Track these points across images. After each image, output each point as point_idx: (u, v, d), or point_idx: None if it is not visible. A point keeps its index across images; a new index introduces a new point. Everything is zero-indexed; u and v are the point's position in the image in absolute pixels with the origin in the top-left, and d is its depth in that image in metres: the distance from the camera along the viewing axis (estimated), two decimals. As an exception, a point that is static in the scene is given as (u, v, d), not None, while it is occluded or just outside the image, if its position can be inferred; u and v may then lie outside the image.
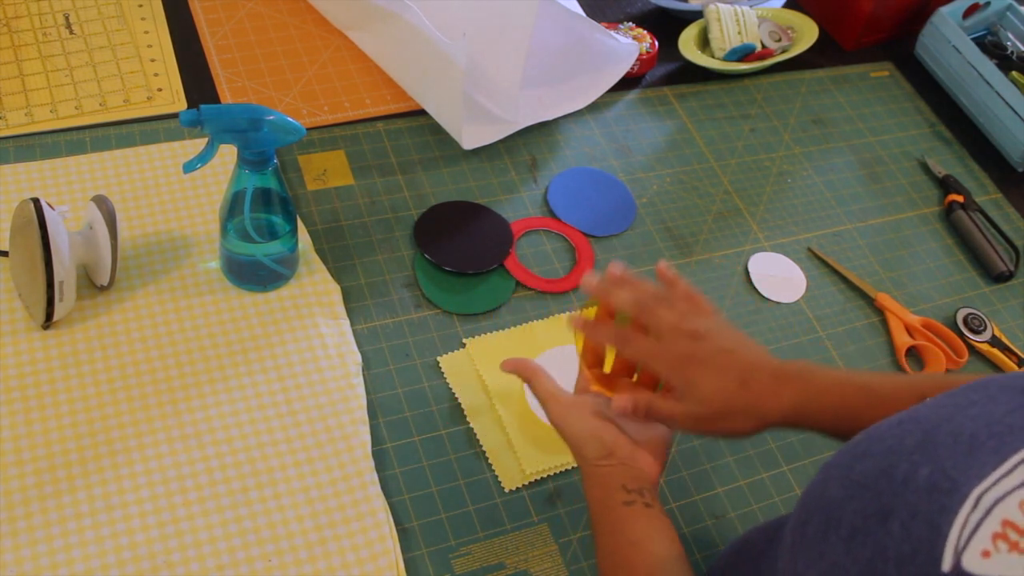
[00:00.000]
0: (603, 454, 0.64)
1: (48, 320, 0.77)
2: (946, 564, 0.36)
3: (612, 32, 1.09)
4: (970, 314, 1.00)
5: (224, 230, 0.81)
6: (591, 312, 0.71)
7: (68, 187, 0.89)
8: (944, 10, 1.22)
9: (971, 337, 0.98)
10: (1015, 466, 0.39)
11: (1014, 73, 1.21)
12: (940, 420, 0.44)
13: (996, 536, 0.36)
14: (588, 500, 0.65)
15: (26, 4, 1.03)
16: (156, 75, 1.00)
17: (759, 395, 0.62)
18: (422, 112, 1.04)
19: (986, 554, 0.36)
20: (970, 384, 0.47)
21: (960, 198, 1.11)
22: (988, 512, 0.37)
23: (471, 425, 0.81)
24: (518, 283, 0.92)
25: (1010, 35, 1.27)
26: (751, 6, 1.23)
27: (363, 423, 0.79)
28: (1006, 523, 0.37)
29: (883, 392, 0.64)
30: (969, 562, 0.36)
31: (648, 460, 0.65)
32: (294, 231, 0.83)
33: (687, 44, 1.18)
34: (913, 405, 0.53)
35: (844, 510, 0.42)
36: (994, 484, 0.38)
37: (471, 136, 0.99)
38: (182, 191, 0.91)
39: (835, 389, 0.64)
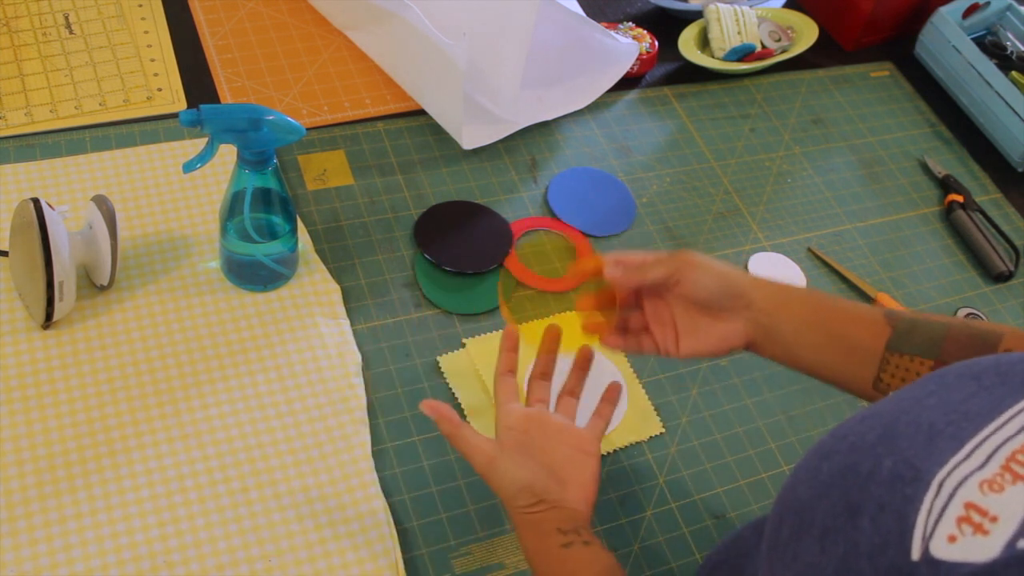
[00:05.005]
0: (533, 502, 0.64)
1: (48, 320, 0.77)
2: (915, 553, 0.37)
3: (612, 32, 1.09)
4: (970, 314, 1.00)
5: (224, 230, 0.81)
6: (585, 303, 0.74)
7: (68, 187, 0.89)
8: (944, 10, 1.22)
9: (971, 337, 0.98)
10: (973, 450, 0.40)
11: (1014, 73, 1.21)
12: (900, 412, 0.45)
13: (960, 520, 0.37)
14: (524, 550, 0.65)
15: (26, 4, 1.03)
16: (156, 75, 1.00)
17: (742, 279, 0.69)
18: (422, 112, 1.04)
19: (952, 539, 0.37)
20: (928, 375, 0.48)
21: (960, 198, 1.11)
22: (951, 497, 0.38)
23: (471, 425, 0.81)
24: (518, 283, 0.92)
25: (1010, 35, 1.27)
26: (751, 6, 1.23)
27: (363, 423, 0.79)
28: (968, 506, 0.38)
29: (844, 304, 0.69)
30: (936, 548, 0.37)
31: (578, 498, 0.67)
32: (294, 231, 0.83)
33: (687, 44, 1.18)
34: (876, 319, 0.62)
35: (815, 510, 0.43)
36: (954, 469, 0.39)
37: (471, 136, 0.99)
38: (182, 191, 0.91)
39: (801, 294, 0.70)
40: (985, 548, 0.36)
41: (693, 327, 0.69)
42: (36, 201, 0.75)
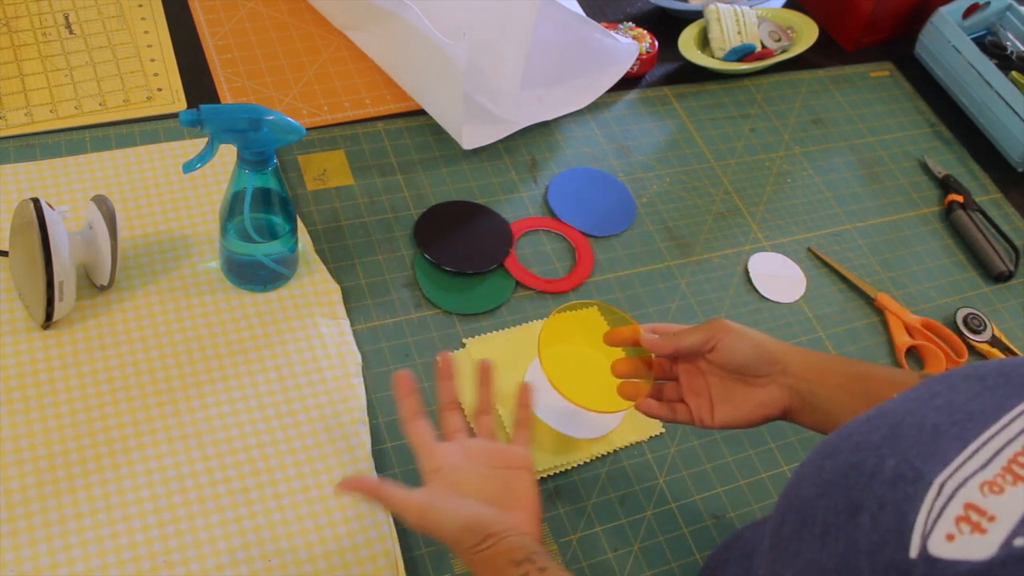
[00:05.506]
0: (480, 539, 0.61)
1: (48, 320, 0.77)
2: (913, 550, 0.37)
3: (612, 32, 1.09)
4: (970, 314, 1.00)
5: (224, 230, 0.81)
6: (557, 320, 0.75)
7: (68, 187, 0.89)
8: (944, 10, 1.22)
9: (971, 337, 0.98)
10: (976, 451, 0.40)
11: (1014, 73, 1.21)
12: (905, 413, 0.45)
13: (959, 519, 0.37)
14: None
15: (26, 4, 1.03)
16: (156, 75, 1.00)
17: (777, 346, 0.69)
18: (422, 112, 1.04)
19: (950, 537, 0.37)
20: (934, 377, 0.48)
21: (960, 198, 1.11)
22: (951, 497, 0.38)
23: (471, 425, 0.81)
24: (518, 283, 0.92)
25: (1010, 35, 1.27)
26: (751, 6, 1.23)
27: (363, 423, 0.79)
28: (968, 506, 0.38)
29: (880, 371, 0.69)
30: (935, 546, 0.37)
31: (524, 519, 0.65)
32: (294, 231, 0.83)
33: (687, 44, 1.18)
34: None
35: (817, 508, 0.43)
36: (956, 470, 0.40)
37: (471, 136, 0.99)
38: (182, 191, 0.91)
39: (836, 365, 0.69)
40: (982, 546, 0.36)
41: (728, 395, 0.69)
42: (36, 201, 0.75)
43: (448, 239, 0.93)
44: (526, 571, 0.59)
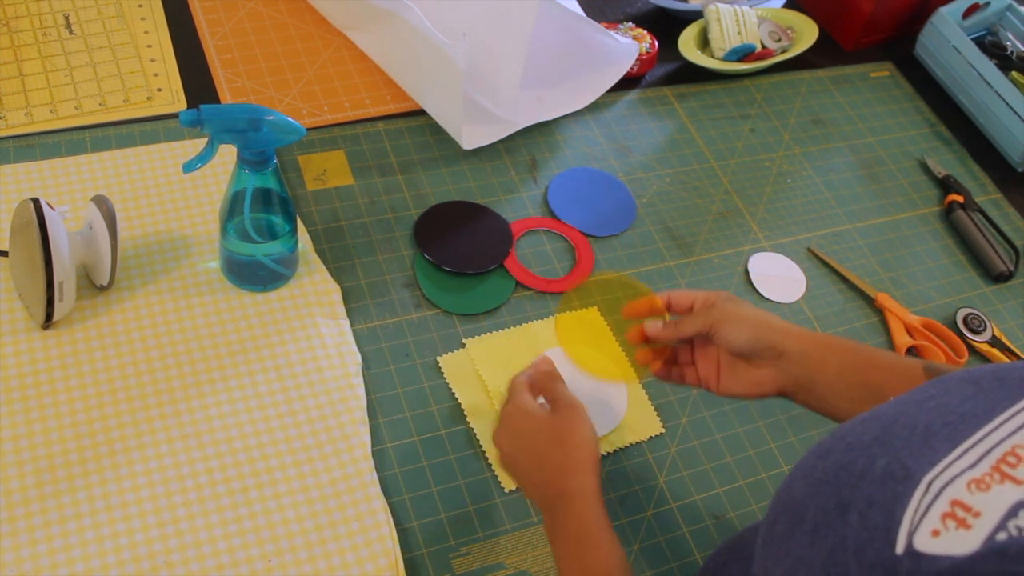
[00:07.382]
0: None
1: (48, 320, 0.77)
2: (899, 547, 0.38)
3: (612, 32, 1.09)
4: (970, 314, 1.00)
5: (224, 230, 0.81)
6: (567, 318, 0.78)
7: (68, 187, 0.89)
8: (944, 10, 1.22)
9: (971, 337, 0.98)
10: (966, 450, 0.40)
11: (1014, 73, 1.21)
12: (898, 415, 0.45)
13: (945, 516, 0.38)
14: (568, 515, 0.66)
15: (26, 4, 1.03)
16: (156, 75, 1.00)
17: (775, 333, 0.70)
18: (422, 112, 1.04)
19: (936, 533, 0.37)
20: (930, 381, 0.48)
21: (960, 198, 1.11)
22: (938, 494, 0.39)
23: (471, 425, 0.81)
24: (518, 283, 0.92)
25: (1010, 35, 1.27)
26: (751, 6, 1.23)
27: (363, 423, 0.79)
28: (954, 503, 0.38)
29: (885, 358, 0.70)
30: (920, 542, 0.37)
31: (581, 456, 0.70)
32: (294, 231, 0.83)
33: (687, 44, 1.18)
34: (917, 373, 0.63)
35: (807, 507, 0.43)
36: (945, 468, 0.40)
37: (471, 136, 0.99)
38: (182, 191, 0.91)
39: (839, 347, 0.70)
40: (966, 542, 0.36)
41: (733, 368, 0.73)
42: (36, 201, 0.75)
43: (448, 239, 0.93)
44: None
